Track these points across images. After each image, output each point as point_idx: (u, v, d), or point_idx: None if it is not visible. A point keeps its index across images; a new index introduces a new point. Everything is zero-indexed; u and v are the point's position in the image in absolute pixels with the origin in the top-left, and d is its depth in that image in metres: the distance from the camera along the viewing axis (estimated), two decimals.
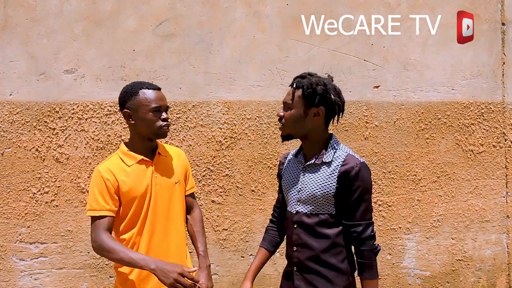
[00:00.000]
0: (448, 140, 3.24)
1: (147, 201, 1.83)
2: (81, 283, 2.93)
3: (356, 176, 1.68)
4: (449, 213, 3.25)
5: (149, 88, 1.82)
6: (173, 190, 1.91)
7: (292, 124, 1.76)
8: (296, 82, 1.76)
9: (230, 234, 3.04)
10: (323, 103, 1.73)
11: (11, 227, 2.87)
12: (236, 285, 3.05)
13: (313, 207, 1.74)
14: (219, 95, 3.04)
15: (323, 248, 1.72)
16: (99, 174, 1.80)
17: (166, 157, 1.94)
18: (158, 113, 1.81)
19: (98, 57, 2.94)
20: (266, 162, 3.07)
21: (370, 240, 1.70)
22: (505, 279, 3.31)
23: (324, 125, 1.78)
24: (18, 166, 2.88)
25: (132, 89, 1.83)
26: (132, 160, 1.84)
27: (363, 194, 1.70)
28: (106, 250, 1.73)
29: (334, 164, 1.72)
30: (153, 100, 1.80)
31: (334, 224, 1.73)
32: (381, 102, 3.17)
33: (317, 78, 1.75)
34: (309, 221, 1.75)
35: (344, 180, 1.69)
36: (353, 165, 1.69)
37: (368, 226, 1.71)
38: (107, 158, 1.91)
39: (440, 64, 3.23)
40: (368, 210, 1.72)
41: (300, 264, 1.77)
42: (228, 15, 3.04)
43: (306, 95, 1.72)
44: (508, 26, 3.29)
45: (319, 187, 1.73)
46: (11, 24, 2.87)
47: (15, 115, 2.88)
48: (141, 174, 1.84)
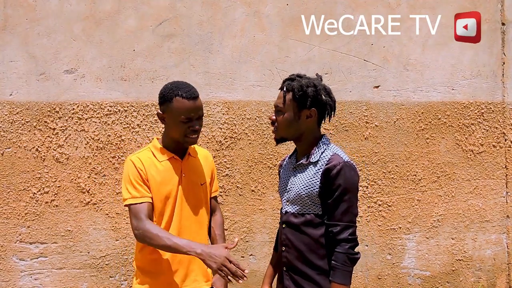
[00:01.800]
0: (448, 140, 3.24)
1: (172, 198, 1.83)
2: (81, 283, 2.93)
3: (337, 174, 1.66)
4: (449, 213, 3.25)
5: (183, 97, 1.76)
6: (199, 191, 1.91)
7: (285, 127, 1.76)
8: (286, 85, 1.76)
9: (230, 234, 3.03)
10: (315, 105, 1.73)
11: (11, 227, 2.87)
12: (236, 285, 3.05)
13: (300, 206, 1.75)
14: (219, 95, 3.04)
15: (309, 249, 1.70)
16: (132, 164, 1.79)
17: (194, 158, 1.94)
18: (189, 123, 1.79)
19: (98, 57, 2.94)
20: (266, 162, 3.07)
21: (346, 243, 1.65)
22: (505, 279, 3.31)
23: (316, 126, 1.79)
24: (18, 166, 2.88)
25: (169, 95, 1.79)
26: (164, 156, 1.85)
27: (343, 194, 1.66)
28: (149, 237, 1.70)
29: (320, 164, 1.72)
30: (185, 111, 1.76)
31: (320, 224, 1.70)
32: (381, 102, 3.17)
33: (306, 80, 1.75)
34: (296, 221, 1.74)
35: (326, 179, 1.67)
36: (335, 163, 1.67)
37: (347, 228, 1.65)
38: (138, 150, 1.91)
39: (440, 64, 3.23)
40: (349, 212, 1.67)
41: (288, 264, 1.76)
42: (228, 15, 3.04)
43: (298, 98, 1.72)
44: (508, 26, 3.29)
45: (304, 186, 1.73)
46: (11, 24, 2.87)
47: (15, 115, 2.88)
48: (171, 171, 1.84)
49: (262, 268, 3.07)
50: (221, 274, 1.63)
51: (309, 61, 3.10)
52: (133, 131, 2.96)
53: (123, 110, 2.95)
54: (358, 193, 1.75)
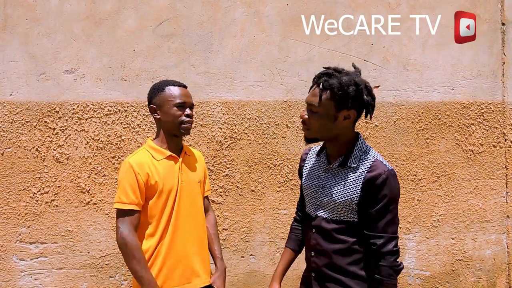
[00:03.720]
0: (448, 140, 3.24)
1: (172, 196, 1.85)
2: (81, 283, 2.93)
3: (383, 184, 1.53)
4: (449, 213, 3.25)
5: (175, 85, 1.89)
6: (197, 188, 1.95)
7: (319, 129, 1.59)
8: (323, 82, 1.57)
9: (230, 234, 3.03)
10: (355, 105, 1.57)
11: (11, 227, 2.87)
12: (236, 285, 3.05)
13: (334, 213, 1.62)
14: (219, 95, 3.04)
15: (342, 255, 1.60)
16: (130, 167, 1.81)
17: (190, 157, 1.99)
18: (182, 109, 1.86)
19: (98, 57, 2.94)
20: (266, 162, 3.07)
21: (391, 256, 1.54)
22: (505, 279, 3.31)
23: (352, 127, 1.64)
24: (18, 166, 2.88)
25: (159, 86, 1.90)
26: (161, 155, 1.87)
27: (388, 205, 1.54)
28: (125, 253, 1.76)
29: (360, 170, 1.58)
30: (178, 96, 1.86)
31: (355, 232, 1.59)
32: (381, 102, 3.17)
33: (347, 77, 1.56)
34: (328, 226, 1.62)
35: (369, 188, 1.54)
36: (380, 172, 1.54)
37: (391, 240, 1.55)
38: (134, 152, 1.93)
39: (440, 64, 3.23)
40: (393, 223, 1.56)
41: (318, 271, 1.66)
42: (228, 15, 3.04)
43: (337, 98, 1.54)
44: (508, 26, 3.29)
45: (341, 193, 1.59)
46: (11, 24, 2.87)
47: (15, 115, 2.88)
48: (169, 169, 1.87)
49: (262, 268, 3.07)
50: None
51: (309, 61, 3.10)
52: (133, 131, 2.96)
53: (123, 110, 2.95)
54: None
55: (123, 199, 1.80)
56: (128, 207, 1.79)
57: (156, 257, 1.83)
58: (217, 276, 1.95)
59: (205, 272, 1.93)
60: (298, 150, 3.07)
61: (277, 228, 3.08)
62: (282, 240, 3.08)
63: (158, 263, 1.83)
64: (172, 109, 1.84)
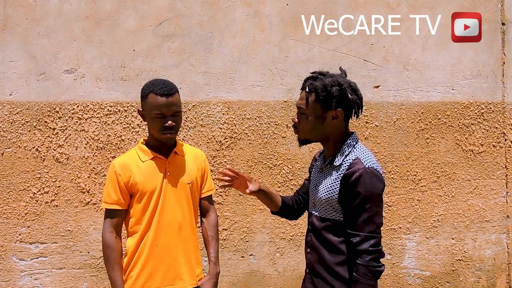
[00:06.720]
0: (448, 140, 3.24)
1: (155, 197, 1.85)
2: (81, 283, 2.93)
3: (356, 181, 1.56)
4: (449, 213, 3.25)
5: (157, 94, 1.80)
6: (186, 190, 1.92)
7: (309, 130, 1.66)
8: (308, 85, 1.64)
9: (230, 234, 3.04)
10: (341, 105, 1.62)
11: (11, 227, 2.87)
12: (236, 285, 3.05)
13: (322, 211, 1.68)
14: (219, 95, 3.04)
15: (329, 254, 1.64)
16: (113, 168, 1.87)
17: (182, 157, 1.95)
18: (163, 119, 1.81)
19: (98, 57, 2.94)
20: (266, 162, 3.07)
21: (367, 255, 1.55)
22: (505, 279, 3.31)
23: (344, 126, 1.68)
24: (18, 166, 2.88)
25: (144, 92, 1.85)
26: (146, 156, 1.88)
27: (363, 203, 1.55)
28: (105, 254, 1.85)
29: (342, 168, 1.62)
30: (158, 106, 1.80)
31: (340, 231, 1.62)
32: (381, 102, 3.17)
33: (330, 78, 1.63)
34: (318, 224, 1.68)
35: (345, 185, 1.59)
36: (355, 169, 1.57)
37: (368, 239, 1.55)
38: (126, 151, 1.97)
39: (440, 64, 3.23)
40: (370, 222, 1.56)
41: (311, 266, 1.72)
42: (228, 15, 3.04)
43: (322, 99, 1.60)
44: (508, 26, 3.29)
45: (324, 191, 1.66)
46: (11, 24, 2.87)
47: (15, 115, 2.88)
48: (153, 171, 1.87)
49: (262, 268, 3.07)
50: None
51: (309, 61, 3.10)
52: (133, 131, 2.96)
53: (123, 110, 2.95)
54: (382, 201, 1.62)
55: (106, 198, 1.87)
56: (110, 206, 1.85)
57: (139, 256, 1.85)
58: (207, 280, 1.92)
59: (190, 275, 1.89)
60: (298, 150, 3.07)
61: (277, 228, 3.08)
62: (282, 240, 3.08)
63: (140, 263, 1.85)
64: (154, 119, 1.82)
